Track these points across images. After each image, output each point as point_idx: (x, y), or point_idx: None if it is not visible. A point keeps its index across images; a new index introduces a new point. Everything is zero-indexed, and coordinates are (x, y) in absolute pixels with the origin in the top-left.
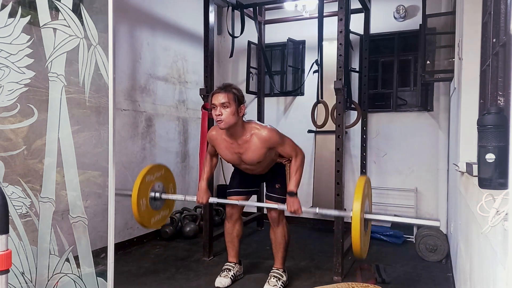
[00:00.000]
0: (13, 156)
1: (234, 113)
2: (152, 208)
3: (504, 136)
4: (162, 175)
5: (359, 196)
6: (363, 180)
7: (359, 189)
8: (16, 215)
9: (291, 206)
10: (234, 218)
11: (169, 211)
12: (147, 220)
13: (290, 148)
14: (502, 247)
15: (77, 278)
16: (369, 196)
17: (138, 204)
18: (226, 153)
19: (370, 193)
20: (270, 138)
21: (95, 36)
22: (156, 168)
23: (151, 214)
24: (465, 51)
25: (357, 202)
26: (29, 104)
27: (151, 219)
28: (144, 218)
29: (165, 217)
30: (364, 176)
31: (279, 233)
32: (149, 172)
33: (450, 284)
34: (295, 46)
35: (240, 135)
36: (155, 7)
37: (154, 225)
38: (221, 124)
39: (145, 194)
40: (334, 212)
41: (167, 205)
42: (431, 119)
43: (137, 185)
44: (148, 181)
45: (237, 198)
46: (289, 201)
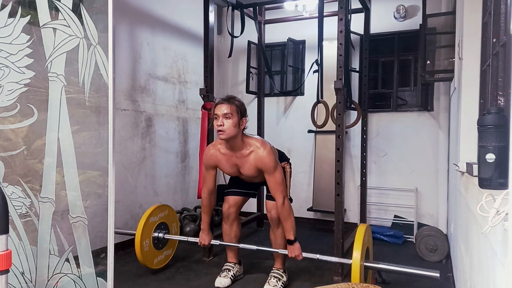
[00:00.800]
0: (13, 156)
1: (236, 124)
2: (155, 249)
3: (504, 136)
4: (165, 215)
5: (359, 245)
6: (363, 228)
7: (359, 237)
8: (16, 215)
9: (291, 253)
10: (231, 219)
11: (172, 250)
12: (150, 261)
13: (277, 182)
14: (502, 247)
15: (77, 278)
16: (370, 244)
17: (142, 245)
18: (225, 166)
19: (371, 241)
20: (264, 161)
21: (95, 36)
22: (159, 209)
23: (154, 255)
24: (465, 51)
25: (357, 251)
26: (29, 104)
27: (154, 259)
28: (147, 258)
29: (168, 256)
30: (365, 224)
31: (279, 234)
32: (153, 213)
33: (450, 284)
34: (295, 46)
35: (239, 149)
36: (155, 7)
37: (156, 265)
38: (222, 134)
39: (149, 235)
40: (335, 259)
41: (171, 245)
42: (431, 119)
43: (141, 226)
44: (152, 222)
45: (235, 198)
46: (290, 248)
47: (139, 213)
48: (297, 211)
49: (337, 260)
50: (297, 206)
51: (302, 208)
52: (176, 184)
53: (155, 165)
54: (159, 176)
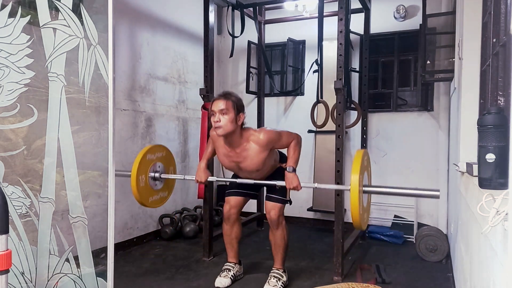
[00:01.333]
0: (13, 156)
1: (233, 120)
2: (151, 187)
3: (504, 136)
4: (163, 156)
5: (357, 169)
6: (361, 153)
7: (357, 162)
8: (16, 215)
9: (290, 183)
10: (232, 220)
11: (168, 193)
12: (145, 198)
13: (287, 137)
14: (502, 247)
15: (77, 278)
16: (368, 169)
17: (137, 180)
18: (223, 159)
19: (369, 166)
20: (269, 138)
21: (95, 36)
22: (157, 148)
23: (150, 193)
24: (465, 51)
25: (355, 175)
26: (29, 104)
27: (149, 197)
28: (142, 195)
29: (163, 198)
30: (363, 149)
31: (278, 235)
32: (150, 151)
33: (450, 284)
34: (295, 46)
35: (238, 144)
36: (155, 7)
37: (152, 204)
38: (219, 130)
39: (145, 171)
40: (333, 186)
41: (166, 186)
42: (431, 119)
43: (138, 161)
44: (149, 159)
45: (236, 199)
46: (288, 177)
47: (139, 213)
48: (297, 211)
49: (335, 187)
50: (297, 206)
51: (302, 208)
52: (176, 184)
53: None
54: None
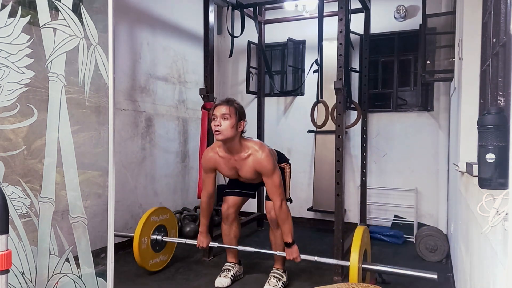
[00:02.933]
0: (13, 156)
1: (233, 126)
2: (153, 250)
3: (504, 136)
4: (166, 219)
5: (357, 247)
6: (361, 230)
7: (356, 239)
8: (16, 215)
9: (289, 255)
10: (231, 219)
11: (168, 257)
12: (145, 261)
13: (275, 185)
14: (502, 247)
15: (77, 278)
16: (368, 246)
17: (140, 242)
18: (224, 168)
19: (369, 242)
20: (263, 164)
21: (95, 36)
22: (161, 211)
23: (151, 256)
24: (465, 51)
25: (354, 253)
26: (29, 104)
27: (150, 260)
28: (143, 257)
29: (163, 262)
30: (363, 226)
31: (278, 235)
32: (155, 213)
33: (450, 284)
34: (295, 46)
35: (237, 151)
36: (155, 7)
37: (151, 267)
38: (219, 135)
39: (148, 234)
40: (333, 261)
41: (167, 250)
42: (431, 119)
43: (142, 223)
44: (153, 221)
45: (234, 199)
46: (288, 251)
47: (139, 213)
48: (297, 211)
49: (335, 262)
50: (297, 206)
51: (302, 208)
52: (176, 184)
53: (155, 165)
54: (159, 176)
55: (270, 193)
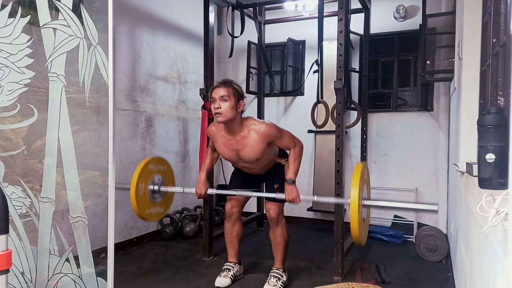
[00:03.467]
0: (13, 156)
1: (233, 107)
2: (149, 198)
3: (504, 136)
4: (164, 170)
5: (356, 183)
6: (360, 166)
7: (356, 175)
8: (16, 215)
9: (289, 194)
10: (234, 218)
11: (164, 209)
12: (142, 208)
13: (288, 140)
14: (502, 247)
15: (77, 278)
16: (367, 182)
17: (137, 188)
18: (224, 150)
19: (368, 179)
20: (269, 132)
21: (95, 36)
22: (160, 161)
23: (147, 205)
24: (465, 51)
25: (354, 189)
26: (29, 104)
27: (146, 209)
28: (140, 205)
29: (159, 214)
30: (362, 162)
31: (278, 233)
32: (153, 161)
33: (450, 284)
34: (295, 46)
35: (238, 131)
36: (155, 7)
37: (147, 217)
38: (219, 117)
39: (145, 181)
40: (332, 199)
41: (164, 201)
42: (431, 119)
43: (139, 169)
44: (150, 169)
45: (237, 198)
46: (288, 189)
47: None
48: (297, 211)
49: (334, 200)
50: (297, 206)
51: (302, 208)
52: (176, 184)
53: None
54: None
55: (288, 147)
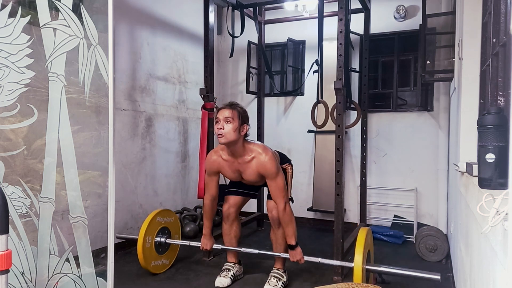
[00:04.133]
0: (13, 156)
1: (236, 129)
2: (156, 251)
3: (504, 136)
4: (171, 222)
5: (360, 249)
6: (364, 232)
7: (360, 241)
8: (16, 215)
9: (293, 257)
10: (231, 219)
11: (169, 261)
12: (148, 261)
13: (279, 187)
14: (502, 247)
15: (77, 278)
16: (371, 247)
17: (144, 240)
18: (228, 171)
19: (372, 243)
20: (266, 167)
21: (95, 36)
22: (167, 213)
23: (154, 257)
24: (465, 51)
25: (358, 255)
26: (29, 104)
27: (152, 261)
28: (146, 257)
29: (165, 266)
30: (366, 228)
31: (279, 234)
32: (160, 214)
33: (450, 284)
34: (295, 46)
35: (241, 155)
36: (155, 7)
37: (152, 269)
38: (221, 138)
39: (152, 233)
40: (337, 262)
41: (170, 253)
42: (431, 119)
43: (148, 221)
44: (158, 221)
45: (235, 198)
46: (291, 253)
47: (139, 213)
48: (297, 211)
49: (339, 263)
50: (297, 206)
51: (302, 208)
52: (176, 184)
53: (155, 165)
54: (159, 176)
55: (274, 195)
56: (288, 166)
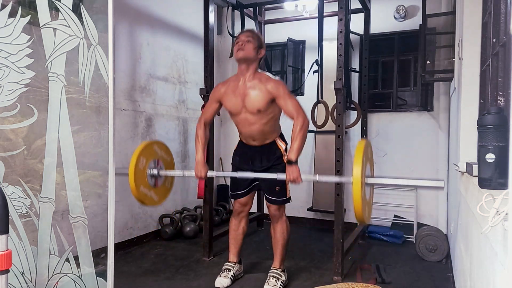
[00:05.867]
0: (13, 156)
1: (255, 48)
2: (147, 178)
3: (504, 136)
4: (167, 160)
5: (359, 160)
6: (363, 143)
7: (359, 152)
8: (16, 215)
9: (290, 174)
10: (242, 216)
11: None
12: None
13: (293, 106)
14: (502, 247)
15: (77, 278)
16: (371, 160)
17: (138, 159)
18: (231, 98)
19: (372, 157)
20: (277, 86)
21: (95, 36)
22: (165, 148)
23: (143, 182)
24: (465, 51)
25: (357, 167)
26: (29, 104)
27: (141, 186)
28: (137, 178)
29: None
30: (365, 139)
31: (278, 229)
32: (159, 145)
33: (450, 284)
34: (295, 46)
35: (250, 78)
36: (155, 7)
37: (139, 195)
38: (240, 52)
39: (147, 157)
40: (335, 178)
41: (160, 190)
42: (431, 119)
43: (146, 144)
44: (155, 151)
45: (245, 199)
46: (289, 170)
47: (139, 213)
48: (297, 211)
49: (337, 179)
50: (297, 206)
51: (302, 208)
52: (176, 184)
53: None
54: None
55: (291, 112)
56: (285, 145)
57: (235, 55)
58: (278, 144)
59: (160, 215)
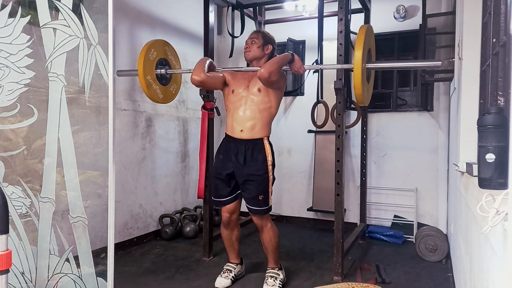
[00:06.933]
0: (13, 156)
1: (260, 46)
2: (156, 75)
3: (504, 136)
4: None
5: (360, 45)
6: (365, 28)
7: (360, 38)
8: (16, 215)
9: (293, 68)
10: (232, 225)
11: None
12: (146, 71)
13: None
14: (502, 247)
15: (77, 278)
16: (373, 46)
17: (149, 50)
18: (239, 78)
19: (374, 43)
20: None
21: (95, 36)
22: (175, 55)
23: (151, 74)
24: (465, 51)
25: (358, 51)
26: (29, 104)
27: (148, 75)
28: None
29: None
30: (367, 25)
31: (265, 238)
32: (169, 47)
33: (450, 284)
34: (295, 46)
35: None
36: (155, 7)
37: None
38: (247, 55)
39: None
40: (337, 66)
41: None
42: (431, 119)
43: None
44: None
45: (231, 206)
46: (291, 66)
47: (139, 213)
48: (297, 211)
49: (339, 66)
50: (297, 206)
51: (302, 208)
52: (176, 184)
53: (155, 165)
54: (159, 176)
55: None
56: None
57: (244, 58)
58: (265, 144)
59: (160, 215)
